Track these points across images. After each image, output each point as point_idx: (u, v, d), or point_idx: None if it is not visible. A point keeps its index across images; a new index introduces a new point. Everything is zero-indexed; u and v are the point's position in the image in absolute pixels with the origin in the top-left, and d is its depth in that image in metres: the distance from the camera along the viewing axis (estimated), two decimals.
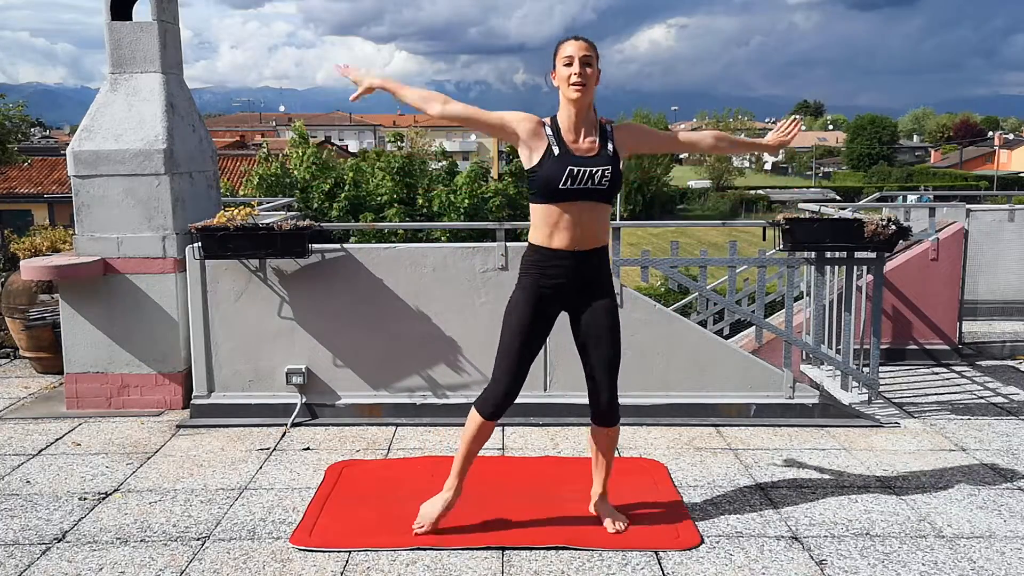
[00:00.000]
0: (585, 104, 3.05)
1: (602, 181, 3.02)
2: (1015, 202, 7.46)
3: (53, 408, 4.90)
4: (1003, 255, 6.94)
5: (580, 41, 3.03)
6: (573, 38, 3.05)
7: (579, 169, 3.00)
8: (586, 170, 3.01)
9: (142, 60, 4.83)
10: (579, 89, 2.99)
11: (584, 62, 3.00)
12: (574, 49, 3.01)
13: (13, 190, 29.47)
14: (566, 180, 3.00)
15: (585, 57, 3.00)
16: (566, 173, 3.00)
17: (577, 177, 3.00)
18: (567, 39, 3.06)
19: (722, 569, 3.01)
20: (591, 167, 3.02)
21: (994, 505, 3.57)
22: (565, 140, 3.05)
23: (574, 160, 3.02)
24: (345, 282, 4.58)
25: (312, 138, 19.41)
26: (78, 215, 4.75)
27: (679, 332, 4.66)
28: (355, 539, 3.22)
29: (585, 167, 3.01)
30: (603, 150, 3.07)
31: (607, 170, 3.03)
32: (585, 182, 3.01)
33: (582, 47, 3.01)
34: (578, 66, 2.99)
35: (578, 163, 3.01)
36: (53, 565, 3.06)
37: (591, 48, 3.03)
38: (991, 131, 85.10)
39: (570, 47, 3.02)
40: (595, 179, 3.02)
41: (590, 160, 3.03)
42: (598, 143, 3.07)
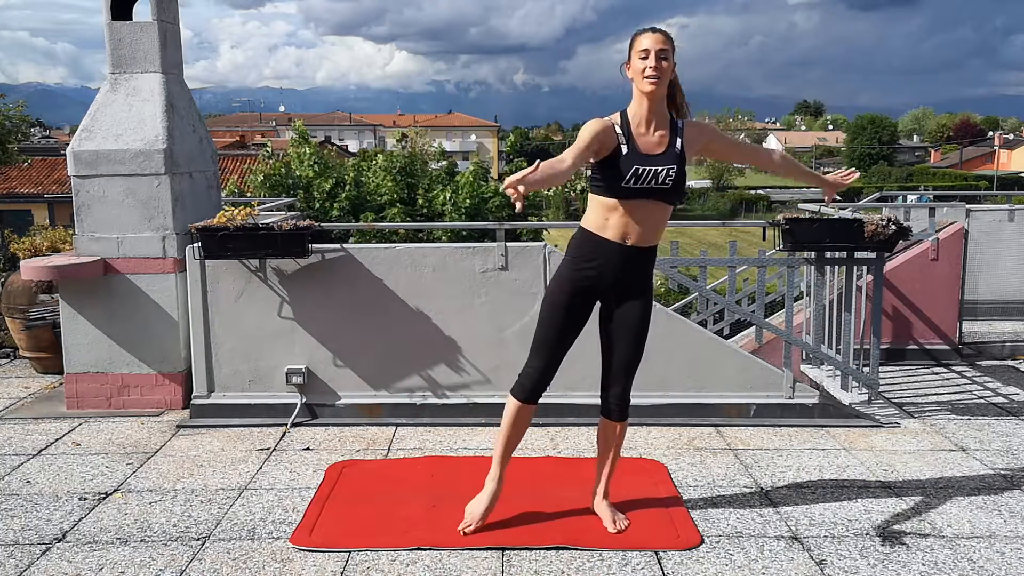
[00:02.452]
0: (658, 97, 3.03)
1: (666, 180, 3.01)
2: (1015, 202, 7.46)
3: (53, 408, 4.90)
4: (1003, 255, 6.94)
5: (657, 34, 3.00)
6: (651, 30, 3.02)
7: (644, 168, 2.99)
8: (651, 169, 3.00)
9: (142, 60, 4.83)
10: (654, 82, 2.98)
11: (660, 56, 2.97)
12: (651, 42, 2.98)
13: (13, 190, 29.48)
14: (630, 179, 2.99)
15: (661, 51, 2.98)
16: (631, 172, 2.99)
17: (642, 176, 2.99)
18: (644, 31, 3.04)
19: (722, 569, 3.02)
20: (657, 166, 3.00)
21: (994, 505, 3.57)
22: (635, 135, 3.03)
23: (640, 159, 3.00)
24: (345, 282, 4.58)
25: (312, 138, 19.40)
26: (78, 215, 4.75)
27: (679, 332, 4.66)
28: (355, 539, 3.22)
29: (651, 166, 3.00)
30: (671, 148, 3.05)
31: (672, 169, 3.02)
32: (649, 181, 3.00)
33: (659, 40, 2.98)
34: (654, 59, 2.97)
35: (644, 161, 3.00)
36: (53, 565, 3.06)
37: (668, 41, 3.01)
38: (991, 131, 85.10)
39: (647, 40, 2.99)
40: (659, 178, 3.01)
41: (656, 158, 3.02)
42: (668, 138, 3.06)
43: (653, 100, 3.02)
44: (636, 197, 3.02)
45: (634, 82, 3.04)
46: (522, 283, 4.56)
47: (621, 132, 3.03)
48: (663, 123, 3.07)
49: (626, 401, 3.25)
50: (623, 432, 3.32)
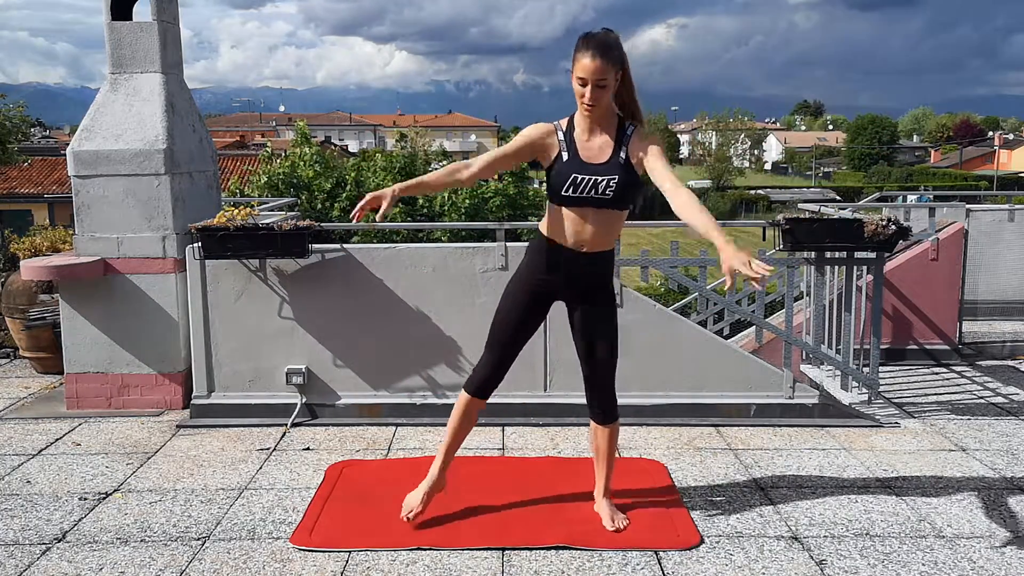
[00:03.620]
0: (598, 115, 2.99)
1: (606, 191, 2.96)
2: (1015, 202, 7.46)
3: (53, 408, 4.90)
4: (1003, 255, 6.94)
5: (596, 61, 2.85)
6: (590, 55, 2.86)
7: (582, 177, 2.96)
8: (590, 179, 2.96)
9: (142, 60, 4.83)
10: (589, 110, 2.95)
11: (598, 84, 2.89)
12: (588, 72, 2.87)
13: (13, 190, 29.47)
14: (568, 187, 2.98)
15: (599, 81, 2.88)
16: (569, 181, 2.97)
17: (580, 186, 2.97)
18: (585, 52, 2.87)
19: (722, 569, 3.02)
20: (596, 175, 2.96)
21: (994, 505, 3.57)
22: (577, 141, 3.01)
23: (580, 167, 2.97)
24: (345, 282, 4.59)
25: (313, 138, 19.41)
26: (78, 215, 4.75)
27: (679, 332, 4.66)
28: (355, 539, 3.22)
29: (590, 175, 2.96)
30: (615, 157, 2.98)
31: (613, 180, 2.96)
32: (588, 191, 2.97)
33: (597, 69, 2.85)
34: (590, 90, 2.90)
35: (583, 170, 2.97)
36: (53, 565, 3.06)
37: (607, 66, 2.87)
38: (991, 131, 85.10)
39: (587, 68, 2.86)
40: (599, 188, 2.96)
41: (597, 168, 2.97)
42: (612, 147, 3.00)
43: (592, 117, 3.00)
44: (580, 205, 3.00)
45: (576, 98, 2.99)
46: None
47: (563, 139, 3.01)
48: (609, 129, 3.02)
49: (612, 405, 3.25)
50: (614, 434, 3.32)
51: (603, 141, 3.00)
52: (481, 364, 3.24)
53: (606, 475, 3.38)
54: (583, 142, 3.01)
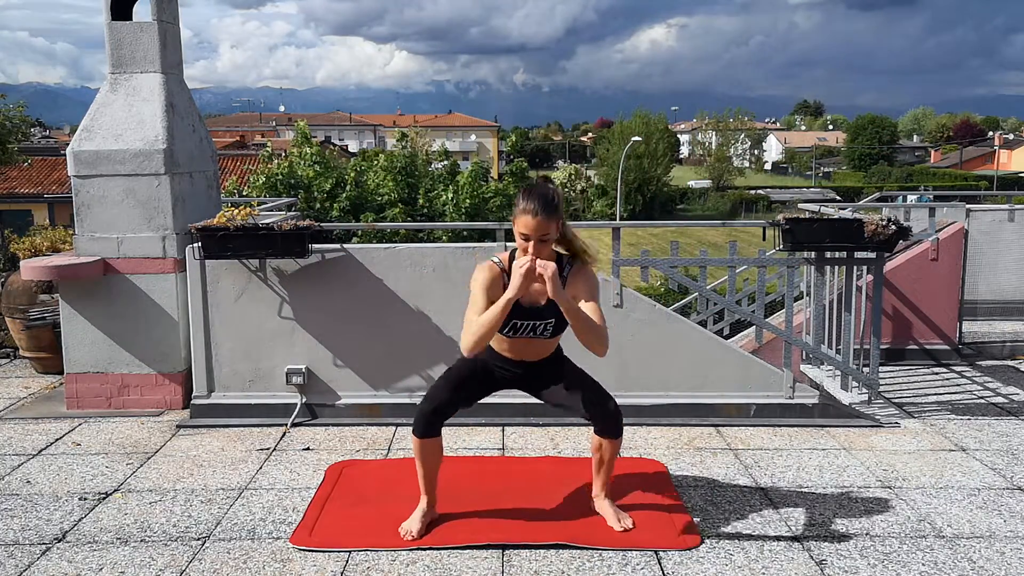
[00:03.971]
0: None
1: (543, 332, 3.14)
2: (1015, 202, 7.45)
3: (53, 408, 4.90)
4: (1003, 255, 6.94)
5: (538, 219, 2.93)
6: (532, 214, 2.93)
7: (522, 323, 3.09)
8: (529, 323, 3.10)
9: (142, 60, 4.83)
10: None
11: (541, 239, 2.97)
12: (530, 229, 2.94)
13: (13, 190, 29.47)
14: (508, 331, 3.11)
15: (543, 237, 2.96)
16: (510, 325, 3.09)
17: (519, 329, 3.11)
18: (528, 210, 2.95)
19: (722, 569, 3.02)
20: (535, 319, 3.09)
21: (994, 505, 3.57)
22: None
23: (519, 312, 3.05)
24: (345, 282, 4.59)
25: (313, 138, 19.41)
26: (78, 215, 4.75)
27: (679, 332, 4.66)
28: (355, 539, 3.22)
29: (529, 319, 3.09)
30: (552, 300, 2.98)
31: (550, 324, 3.10)
32: (527, 333, 3.13)
33: (540, 226, 2.94)
34: (533, 247, 2.97)
35: (523, 315, 3.07)
36: (53, 565, 3.06)
37: (549, 222, 2.96)
38: (991, 131, 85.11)
39: (529, 224, 2.94)
40: (536, 331, 3.13)
41: (537, 311, 3.07)
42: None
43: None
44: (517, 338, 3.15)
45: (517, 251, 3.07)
46: None
47: (506, 279, 3.06)
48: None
49: (618, 420, 3.25)
50: (618, 445, 3.33)
51: (541, 287, 3.00)
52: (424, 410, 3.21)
53: (605, 481, 3.39)
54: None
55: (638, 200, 50.62)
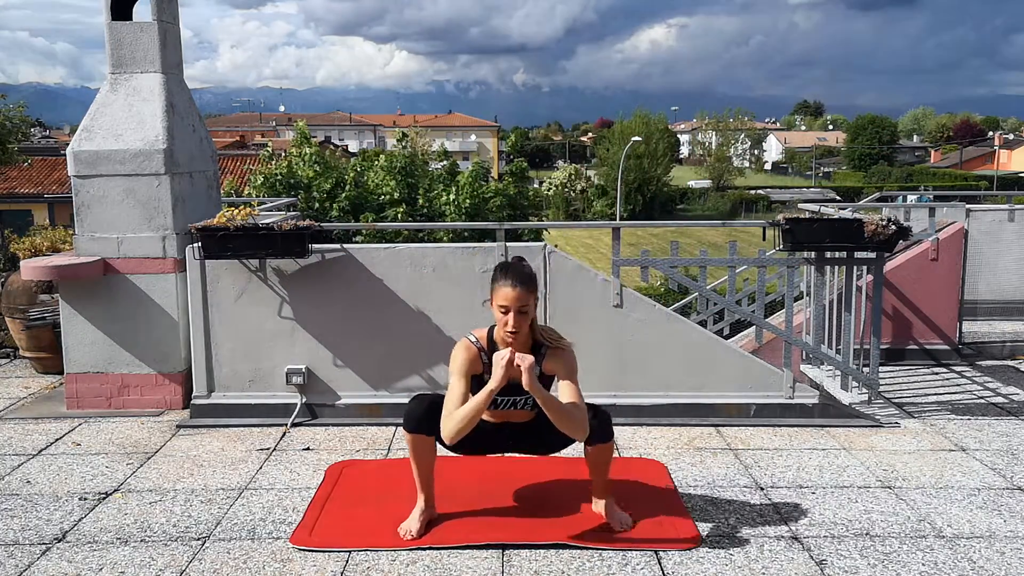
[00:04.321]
0: (520, 343, 3.09)
1: (523, 407, 3.19)
2: (1015, 202, 7.46)
3: (53, 408, 4.90)
4: (1003, 255, 6.94)
5: (518, 290, 3.02)
6: (511, 284, 3.03)
7: (503, 399, 3.14)
8: (510, 399, 3.15)
9: (142, 60, 4.83)
10: (513, 336, 3.05)
11: (520, 311, 3.03)
12: (510, 300, 3.02)
13: (13, 190, 29.47)
14: (490, 407, 3.11)
15: (522, 308, 3.03)
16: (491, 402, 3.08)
17: (500, 405, 3.17)
18: (505, 282, 3.04)
19: (722, 569, 3.01)
20: (515, 395, 3.13)
21: (994, 505, 3.57)
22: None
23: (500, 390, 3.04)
24: (345, 282, 4.59)
25: (312, 138, 19.41)
26: (78, 215, 4.75)
27: (679, 332, 4.66)
28: (355, 539, 3.22)
29: (510, 396, 3.13)
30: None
31: (530, 399, 3.10)
32: (507, 407, 3.19)
33: (519, 297, 3.02)
34: (513, 317, 3.03)
35: (504, 392, 3.06)
36: (53, 565, 3.06)
37: (528, 295, 3.04)
38: (991, 131, 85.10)
39: (508, 296, 3.02)
40: (517, 405, 3.18)
41: (515, 389, 3.06)
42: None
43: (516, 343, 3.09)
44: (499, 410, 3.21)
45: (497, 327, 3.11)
46: None
47: (486, 361, 3.11)
48: (524, 350, 3.11)
49: (605, 427, 3.20)
50: (611, 449, 3.31)
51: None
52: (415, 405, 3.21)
53: (604, 481, 3.37)
54: None
55: (638, 200, 50.62)
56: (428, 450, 3.26)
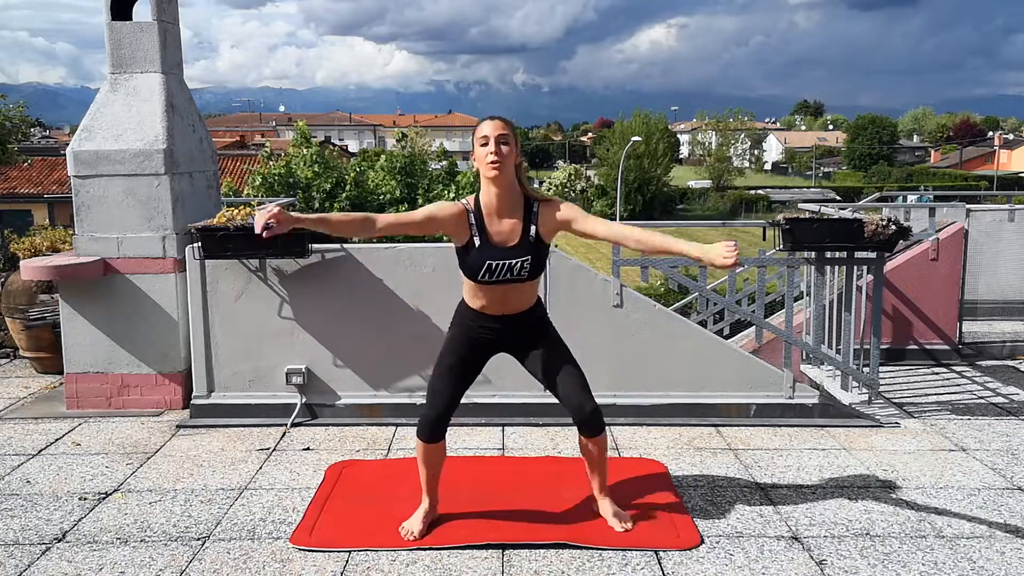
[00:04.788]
0: (505, 183, 3.04)
1: (521, 272, 3.08)
2: (1015, 202, 7.46)
3: (53, 408, 4.90)
4: (1003, 255, 6.94)
5: (496, 121, 3.04)
6: (489, 118, 3.07)
7: (497, 263, 3.05)
8: (505, 263, 3.05)
9: (142, 60, 4.83)
10: (496, 167, 2.99)
11: (500, 141, 2.99)
12: (490, 129, 3.01)
13: (13, 190, 29.48)
14: (484, 274, 3.06)
15: (501, 136, 3.00)
16: (484, 268, 3.05)
17: (495, 271, 3.06)
18: (483, 119, 3.10)
19: (722, 569, 3.01)
20: (510, 259, 3.05)
21: (994, 505, 3.57)
22: (487, 225, 3.06)
23: (493, 252, 3.04)
24: (345, 282, 4.58)
25: (312, 138, 19.40)
26: (78, 215, 4.75)
27: (679, 332, 4.66)
28: (355, 539, 3.22)
29: (504, 259, 3.05)
30: (525, 237, 3.06)
31: (527, 261, 3.06)
32: (504, 274, 3.07)
33: (498, 127, 3.02)
34: (494, 145, 2.98)
35: (497, 255, 3.04)
36: (53, 565, 3.06)
37: (507, 127, 3.04)
38: (991, 131, 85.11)
39: (486, 127, 3.03)
40: (514, 271, 3.07)
41: (509, 251, 3.05)
42: (521, 226, 3.07)
43: (500, 187, 3.04)
44: (495, 284, 3.10)
45: (480, 171, 3.07)
46: None
47: (474, 223, 3.07)
48: (516, 208, 3.08)
49: (598, 413, 3.20)
50: (604, 442, 3.27)
51: (512, 223, 3.07)
52: (428, 415, 3.22)
53: (602, 483, 3.36)
54: (492, 224, 3.07)
55: (638, 200, 50.60)
56: (439, 455, 3.28)
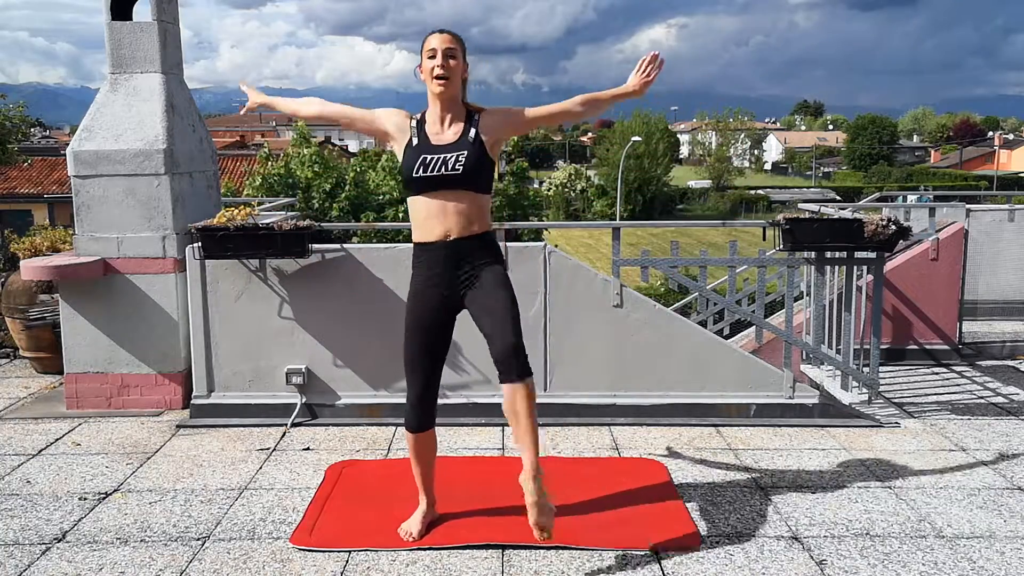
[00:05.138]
0: (449, 97, 3.03)
1: (456, 166, 2.97)
2: (1015, 202, 7.46)
3: (53, 408, 4.90)
4: (1003, 255, 6.94)
5: (444, 34, 3.03)
6: (438, 31, 3.04)
7: (431, 157, 2.99)
8: (439, 156, 2.99)
9: (142, 60, 4.83)
10: (442, 83, 2.99)
11: (447, 54, 2.99)
12: (438, 42, 3.00)
13: (13, 190, 29.47)
14: (418, 168, 2.99)
15: (449, 50, 2.99)
16: (419, 161, 3.00)
17: (430, 165, 2.98)
18: (432, 32, 3.07)
19: (722, 569, 3.01)
20: (445, 153, 3.00)
21: (994, 505, 3.57)
22: (428, 132, 3.06)
23: (428, 148, 3.02)
24: (345, 282, 4.58)
25: (312, 138, 19.40)
26: (78, 215, 4.75)
27: (679, 332, 4.66)
28: (355, 539, 3.22)
29: (438, 153, 3.00)
30: (464, 136, 3.04)
31: (462, 155, 2.99)
32: (438, 168, 2.98)
33: (446, 40, 3.00)
34: (441, 58, 2.98)
35: (432, 150, 3.01)
36: (53, 565, 3.06)
37: (455, 41, 3.03)
38: (991, 131, 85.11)
39: (434, 40, 3.01)
40: (448, 164, 2.97)
41: (446, 147, 3.01)
42: (461, 131, 3.05)
43: (445, 100, 3.04)
44: (433, 188, 3.00)
45: (427, 84, 3.05)
46: (522, 283, 4.54)
47: (415, 127, 3.08)
48: (458, 119, 3.07)
49: (521, 353, 2.89)
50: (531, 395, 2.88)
51: (454, 130, 3.06)
52: (409, 401, 3.19)
53: (532, 447, 2.90)
54: (433, 133, 3.06)
55: (638, 200, 50.61)
56: (429, 445, 3.27)
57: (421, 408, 3.19)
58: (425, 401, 3.19)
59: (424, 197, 3.04)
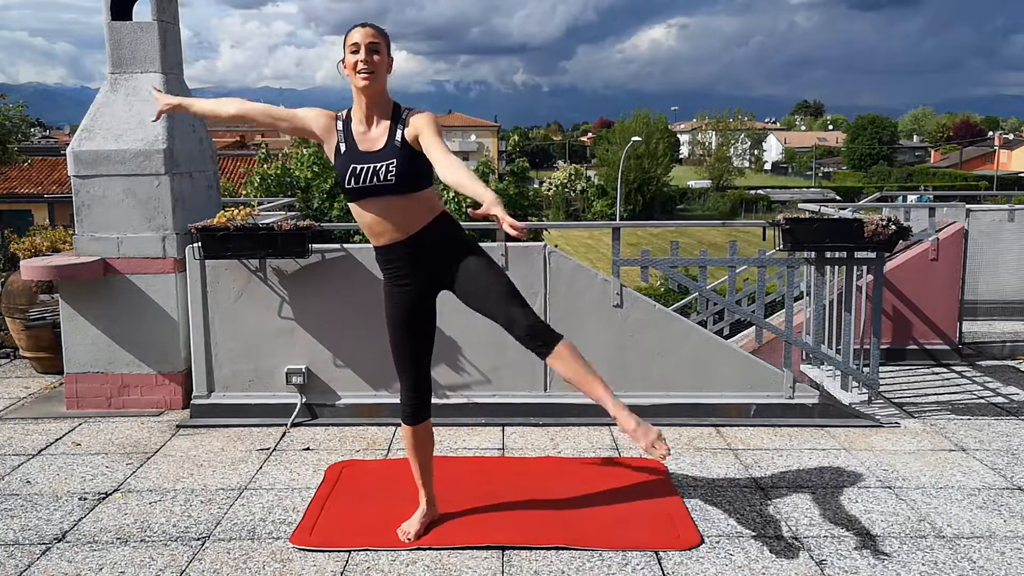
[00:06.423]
0: (373, 93, 2.95)
1: (388, 177, 2.90)
2: (1015, 202, 7.46)
3: (53, 408, 4.90)
4: (1003, 255, 6.94)
5: (367, 28, 2.93)
6: (361, 25, 2.95)
7: (361, 167, 2.92)
8: (369, 167, 2.91)
9: (142, 60, 4.83)
10: (367, 77, 2.91)
11: (371, 49, 2.90)
12: (361, 36, 2.91)
13: (13, 190, 29.46)
14: (350, 179, 2.93)
15: (372, 44, 2.90)
16: (349, 172, 2.93)
17: (361, 176, 2.92)
18: (355, 26, 2.97)
19: (722, 569, 3.01)
20: (375, 163, 2.91)
21: (994, 505, 3.57)
22: (355, 133, 2.98)
23: (358, 157, 2.93)
24: (345, 282, 4.58)
25: None
26: (78, 215, 4.75)
27: (679, 332, 4.65)
28: (355, 539, 3.22)
29: (368, 163, 2.91)
30: (391, 141, 2.93)
31: (391, 164, 2.89)
32: (370, 179, 2.91)
33: (369, 34, 2.91)
34: (364, 53, 2.89)
35: (362, 159, 2.92)
36: (53, 565, 3.06)
37: (379, 35, 2.93)
38: (991, 131, 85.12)
39: (357, 34, 2.92)
40: (380, 175, 2.90)
41: (374, 155, 2.92)
42: (388, 133, 2.95)
43: (369, 96, 2.95)
44: (373, 195, 2.94)
45: (351, 80, 2.96)
46: (522, 283, 4.53)
47: (342, 130, 3.00)
48: (384, 116, 2.97)
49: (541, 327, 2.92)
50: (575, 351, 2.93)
51: (380, 130, 2.97)
52: (402, 395, 3.21)
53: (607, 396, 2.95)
54: (360, 133, 2.99)
55: (638, 200, 50.62)
56: (426, 440, 3.27)
57: (416, 400, 3.20)
58: (418, 393, 3.20)
59: (363, 204, 2.98)
